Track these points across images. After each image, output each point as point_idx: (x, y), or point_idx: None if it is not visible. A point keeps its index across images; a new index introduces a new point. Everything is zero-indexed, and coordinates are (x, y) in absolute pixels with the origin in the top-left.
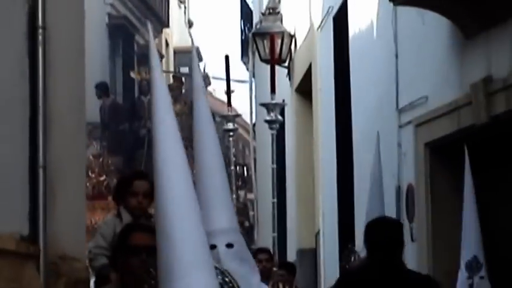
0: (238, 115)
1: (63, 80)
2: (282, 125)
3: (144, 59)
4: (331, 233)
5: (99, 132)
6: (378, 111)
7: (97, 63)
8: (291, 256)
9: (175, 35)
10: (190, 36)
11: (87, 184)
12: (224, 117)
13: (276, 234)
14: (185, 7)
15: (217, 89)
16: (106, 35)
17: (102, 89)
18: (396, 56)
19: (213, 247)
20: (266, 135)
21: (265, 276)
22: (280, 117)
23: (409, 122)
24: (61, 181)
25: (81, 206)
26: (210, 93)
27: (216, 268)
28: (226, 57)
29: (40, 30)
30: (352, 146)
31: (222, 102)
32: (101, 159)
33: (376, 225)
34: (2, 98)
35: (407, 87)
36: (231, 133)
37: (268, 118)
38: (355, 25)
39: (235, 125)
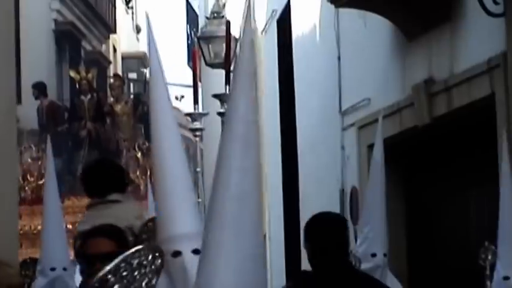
0: (205, 114)
1: None
2: None
3: (91, 65)
4: (278, 237)
5: (37, 134)
6: (322, 114)
7: (43, 69)
8: None
9: (123, 41)
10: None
11: (26, 188)
12: (189, 116)
13: None
14: (133, 13)
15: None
16: (53, 41)
17: (39, 89)
18: (339, 59)
19: (177, 254)
20: (214, 138)
21: None
22: None
23: (352, 125)
24: None
25: (13, 211)
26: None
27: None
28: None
29: None
30: (297, 149)
31: (175, 108)
32: (39, 163)
33: (318, 223)
34: None
35: (350, 89)
36: (198, 133)
37: (222, 110)
38: (299, 28)
39: (202, 125)
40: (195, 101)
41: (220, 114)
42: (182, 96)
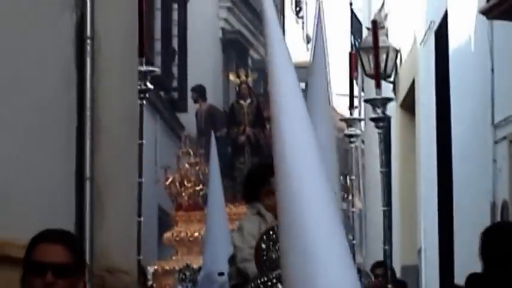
0: (362, 119)
1: (113, 90)
2: (388, 138)
3: (258, 73)
4: (432, 249)
5: (195, 139)
6: (474, 126)
7: (210, 77)
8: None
9: (292, 50)
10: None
11: (183, 194)
12: (345, 121)
13: (388, 247)
14: (303, 22)
15: (341, 106)
16: (220, 49)
17: (199, 92)
18: (492, 71)
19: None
20: (374, 143)
21: None
22: (388, 114)
23: (504, 138)
24: (110, 193)
25: (132, 218)
26: (334, 109)
27: None
28: (350, 53)
29: (88, 41)
30: (452, 161)
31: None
32: (197, 168)
33: (493, 233)
34: (48, 107)
35: (503, 102)
36: (352, 139)
37: (373, 115)
38: (455, 39)
39: (358, 131)
40: (351, 106)
41: (372, 119)
42: (356, 107)
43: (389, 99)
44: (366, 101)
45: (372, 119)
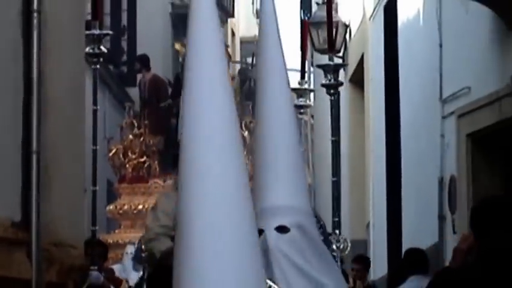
0: (312, 90)
1: (60, 65)
2: (338, 112)
3: None
4: (381, 224)
5: (139, 109)
6: (423, 101)
7: (159, 51)
8: None
9: (242, 25)
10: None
11: (127, 166)
12: (296, 91)
13: (338, 219)
14: None
15: (290, 80)
16: (169, 23)
17: (142, 62)
18: (440, 46)
19: (260, 232)
20: (323, 116)
21: None
22: (341, 80)
23: (452, 113)
24: (57, 165)
25: (80, 190)
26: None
27: None
28: (301, 21)
29: (35, 14)
30: (400, 136)
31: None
32: (141, 139)
33: (488, 204)
34: None
35: (451, 77)
36: (302, 110)
37: (325, 82)
38: (404, 14)
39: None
40: (302, 76)
41: (324, 85)
42: (306, 82)
43: (341, 65)
44: (318, 66)
45: (324, 85)
